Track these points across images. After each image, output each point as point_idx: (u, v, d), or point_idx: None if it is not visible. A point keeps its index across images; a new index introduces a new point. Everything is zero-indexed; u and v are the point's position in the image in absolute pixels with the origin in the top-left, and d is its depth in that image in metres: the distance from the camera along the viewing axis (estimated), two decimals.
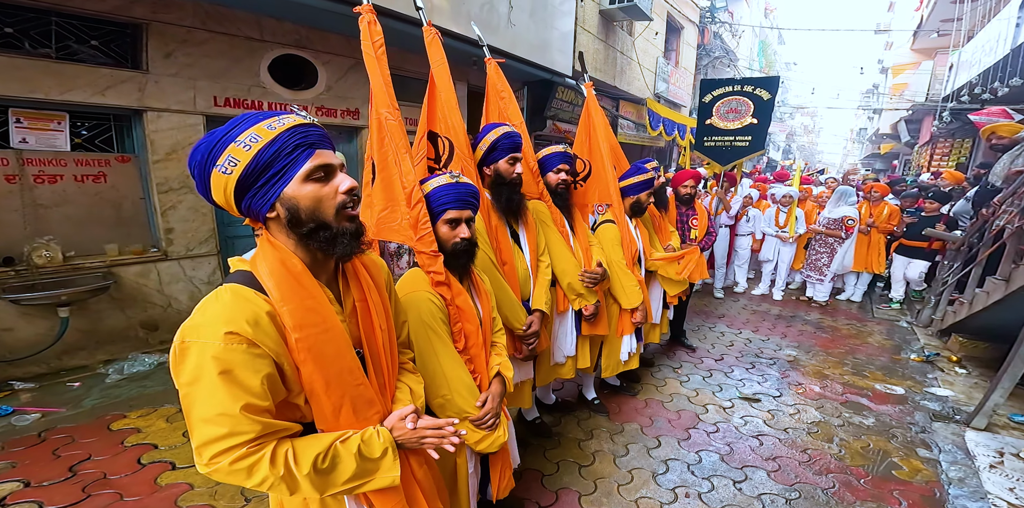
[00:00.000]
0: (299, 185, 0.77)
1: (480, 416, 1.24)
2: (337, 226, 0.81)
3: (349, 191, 0.82)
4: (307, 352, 0.77)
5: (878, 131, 16.61)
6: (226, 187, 0.76)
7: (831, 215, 4.86)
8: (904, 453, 2.45)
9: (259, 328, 0.73)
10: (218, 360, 0.68)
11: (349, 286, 0.91)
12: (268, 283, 0.78)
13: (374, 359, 0.91)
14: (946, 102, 7.94)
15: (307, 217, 0.79)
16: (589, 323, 2.24)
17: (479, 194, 1.70)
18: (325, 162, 0.80)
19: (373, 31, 1.39)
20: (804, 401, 2.99)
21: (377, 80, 1.37)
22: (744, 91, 4.06)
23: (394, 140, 1.37)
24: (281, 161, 0.76)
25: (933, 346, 3.94)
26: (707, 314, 4.70)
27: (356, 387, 0.84)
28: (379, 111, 1.38)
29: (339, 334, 0.82)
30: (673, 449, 2.42)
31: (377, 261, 1.04)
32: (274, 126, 0.76)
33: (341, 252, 0.82)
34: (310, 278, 0.82)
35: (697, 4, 10.90)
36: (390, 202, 1.38)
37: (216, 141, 0.75)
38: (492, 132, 1.79)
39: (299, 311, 0.77)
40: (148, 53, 2.92)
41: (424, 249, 1.29)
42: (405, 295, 1.24)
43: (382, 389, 0.93)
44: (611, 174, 2.38)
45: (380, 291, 0.97)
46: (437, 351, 1.22)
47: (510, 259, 1.83)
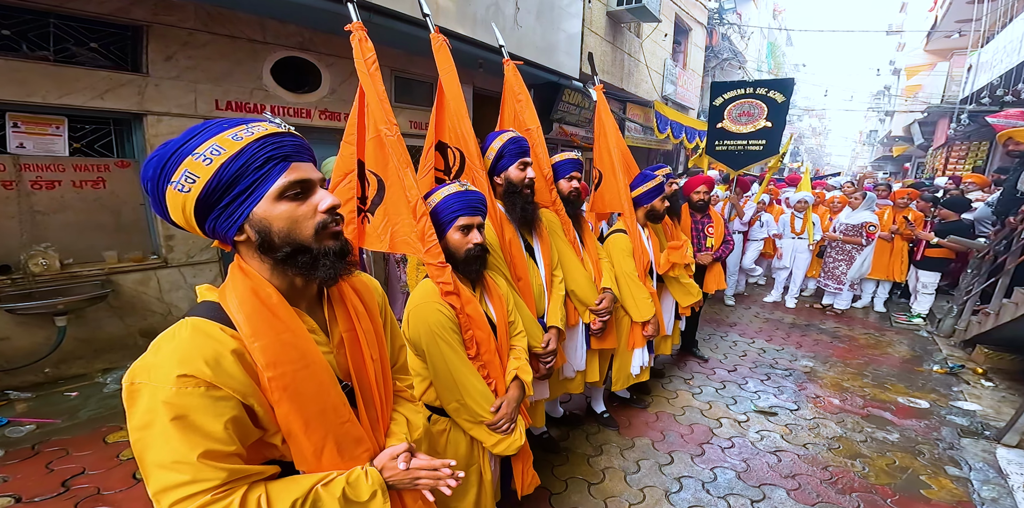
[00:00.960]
0: (271, 204, 0.69)
1: (495, 420, 1.26)
2: (318, 247, 0.73)
3: (330, 210, 0.73)
4: (282, 391, 0.68)
5: (890, 133, 16.36)
6: (184, 207, 0.67)
7: (849, 221, 4.70)
8: (932, 471, 2.33)
9: (221, 369, 0.64)
10: (170, 405, 0.60)
11: (335, 313, 0.82)
12: (237, 317, 0.69)
13: (364, 392, 0.84)
14: (964, 104, 7.76)
15: (281, 240, 0.70)
16: (597, 337, 2.17)
17: (487, 201, 1.65)
18: (302, 177, 0.71)
19: (364, 48, 1.38)
20: (823, 415, 2.87)
21: (372, 96, 1.36)
22: (757, 94, 3.96)
23: (396, 155, 1.37)
24: (249, 177, 0.67)
25: (956, 357, 3.79)
26: (718, 323, 4.57)
27: (341, 425, 0.76)
28: (378, 127, 1.38)
29: (321, 369, 0.74)
30: (686, 466, 2.32)
31: (368, 282, 0.96)
32: (240, 136, 0.67)
33: (324, 275, 0.73)
34: (287, 309, 0.73)
35: (705, 5, 10.80)
36: (399, 216, 1.38)
37: (170, 154, 0.66)
38: (497, 139, 1.75)
39: (273, 347, 0.69)
40: (148, 56, 2.88)
41: (432, 261, 1.29)
42: (415, 306, 1.26)
43: (374, 424, 0.85)
44: (622, 182, 2.29)
45: (372, 316, 0.89)
46: (448, 359, 1.23)
47: (525, 274, 1.77)
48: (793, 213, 4.98)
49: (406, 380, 1.07)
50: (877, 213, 4.88)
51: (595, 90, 2.42)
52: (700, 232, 3.34)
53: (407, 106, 4.63)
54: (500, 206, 1.77)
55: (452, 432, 1.34)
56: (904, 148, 15.75)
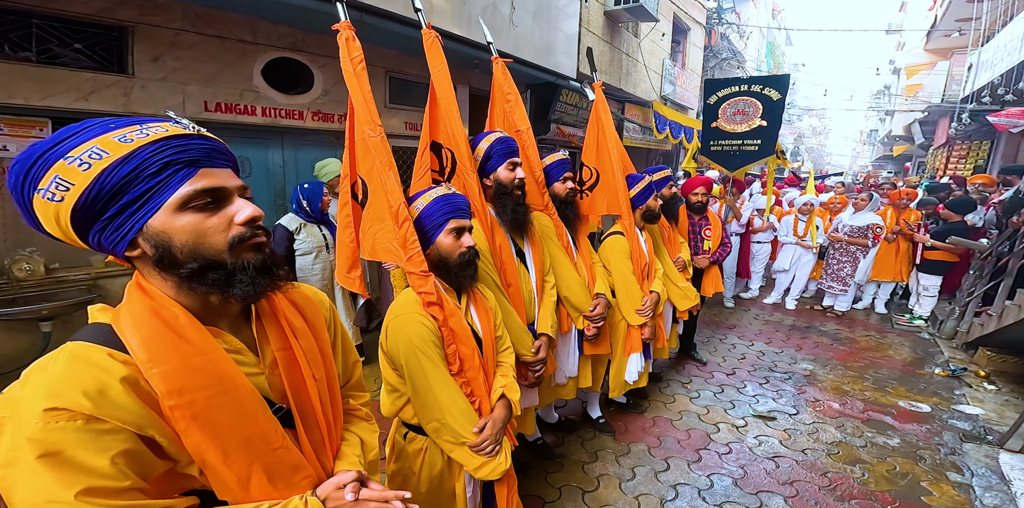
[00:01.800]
0: (171, 215, 0.61)
1: (478, 442, 1.17)
2: (234, 261, 0.65)
3: (249, 222, 0.65)
4: (191, 420, 0.61)
5: (890, 133, 16.31)
6: (58, 218, 0.59)
7: (853, 222, 4.64)
8: (933, 477, 2.29)
9: (106, 399, 0.57)
10: (36, 442, 0.53)
11: (266, 330, 0.75)
12: (131, 341, 0.61)
13: (305, 415, 0.76)
14: (965, 103, 7.71)
15: (185, 255, 0.62)
16: (591, 343, 2.12)
17: (477, 205, 1.61)
18: (212, 185, 0.63)
19: (351, 47, 1.34)
20: (823, 419, 2.82)
21: (358, 97, 1.32)
22: (752, 91, 3.88)
23: (378, 157, 1.32)
24: (141, 185, 0.59)
25: (959, 360, 3.73)
26: (717, 325, 4.52)
27: (272, 452, 0.69)
28: (362, 129, 1.34)
29: (243, 395, 0.67)
30: (683, 472, 2.28)
31: (313, 296, 0.88)
32: (131, 137, 0.59)
33: (243, 293, 0.65)
34: (198, 330, 0.65)
35: (704, 5, 10.76)
36: (382, 222, 1.33)
37: (35, 157, 0.57)
38: (484, 140, 1.70)
39: (178, 373, 0.61)
40: (134, 56, 2.83)
41: (413, 269, 1.22)
42: (394, 317, 1.18)
43: (318, 447, 0.78)
44: (621, 182, 2.23)
45: (316, 332, 0.82)
46: (428, 375, 1.15)
47: (515, 280, 1.72)
48: (797, 216, 4.92)
49: (360, 397, 1.00)
50: (879, 213, 4.82)
51: (593, 87, 2.36)
52: (697, 234, 3.29)
53: (402, 107, 4.59)
54: (490, 209, 1.72)
55: (429, 452, 1.27)
56: (905, 148, 15.69)
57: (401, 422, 1.31)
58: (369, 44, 4.18)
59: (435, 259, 1.27)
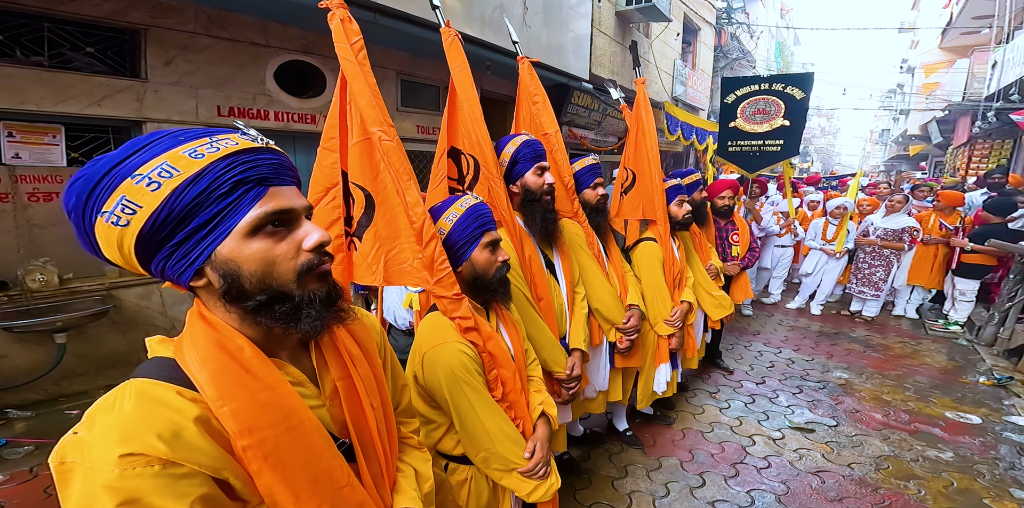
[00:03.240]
0: (241, 241, 0.55)
1: (531, 467, 1.11)
2: (301, 294, 0.59)
3: (318, 248, 0.60)
4: (262, 461, 0.56)
5: (905, 132, 16.02)
6: (122, 244, 0.53)
7: (887, 225, 4.45)
8: (995, 494, 2.14)
9: (181, 442, 0.52)
10: (113, 490, 0.48)
11: (325, 359, 0.69)
12: (199, 377, 0.56)
13: (366, 447, 0.72)
14: (990, 101, 7.49)
15: (254, 286, 0.57)
16: (623, 356, 2.01)
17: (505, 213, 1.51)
18: (283, 207, 0.57)
19: (349, 30, 1.12)
20: (866, 431, 2.67)
21: (364, 91, 1.10)
22: (773, 90, 3.76)
23: (392, 165, 1.11)
24: (212, 206, 0.53)
25: (1002, 368, 3.54)
26: (740, 331, 4.36)
27: (339, 491, 0.64)
28: (369, 129, 1.12)
29: (310, 431, 0.61)
30: (720, 489, 2.15)
31: (365, 320, 0.82)
32: (201, 152, 0.53)
33: (309, 328, 0.60)
34: (264, 363, 0.60)
35: (713, 5, 10.68)
36: (396, 240, 1.15)
37: (101, 175, 0.51)
38: (510, 144, 1.60)
39: (248, 411, 0.56)
40: (147, 60, 2.79)
41: (445, 293, 1.09)
42: (431, 348, 1.08)
43: (378, 480, 0.74)
44: (658, 186, 2.12)
45: (371, 359, 0.77)
46: (475, 405, 1.08)
47: (546, 294, 1.62)
48: (828, 219, 4.74)
49: (410, 424, 0.93)
50: (919, 216, 4.62)
51: (636, 83, 2.27)
52: (725, 239, 3.16)
53: (413, 110, 4.53)
54: (518, 218, 1.62)
55: (475, 482, 1.18)
56: (921, 147, 15.39)
57: (439, 454, 1.21)
58: (381, 46, 4.16)
59: (469, 277, 1.17)
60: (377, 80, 4.04)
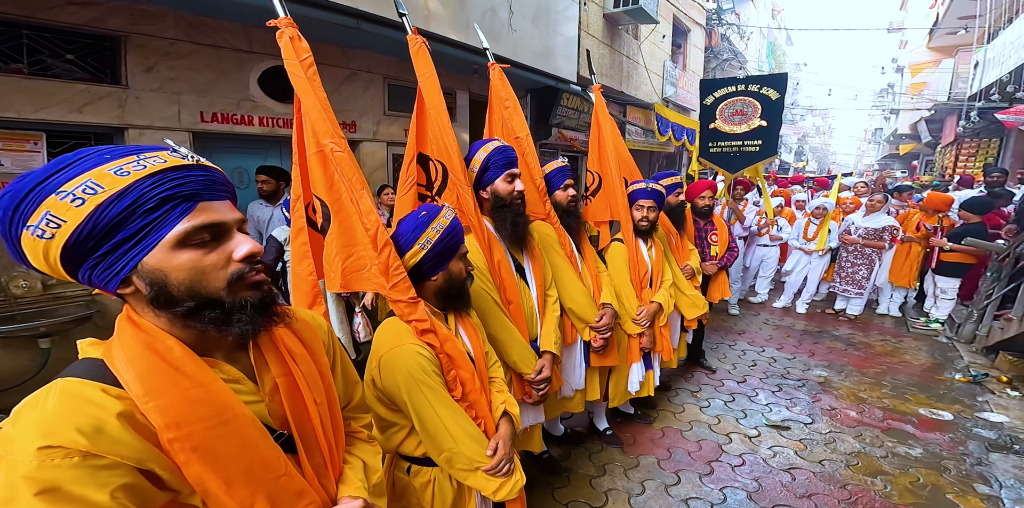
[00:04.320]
0: (168, 253, 0.58)
1: (494, 465, 1.13)
2: (232, 300, 0.63)
3: (248, 259, 0.63)
4: (190, 452, 0.60)
5: (896, 131, 16.17)
6: (47, 255, 0.56)
7: (868, 224, 4.53)
8: (960, 489, 2.18)
9: (103, 435, 0.55)
10: (33, 480, 0.52)
11: (264, 358, 0.73)
12: (126, 376, 0.59)
13: (307, 440, 0.76)
14: (973, 101, 7.59)
15: (183, 293, 0.60)
16: (598, 354, 2.05)
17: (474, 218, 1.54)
18: (212, 220, 0.61)
19: (298, 48, 1.18)
20: (840, 428, 2.71)
21: (314, 105, 1.16)
22: (749, 91, 3.80)
23: (345, 175, 1.17)
24: (138, 221, 0.56)
25: (979, 365, 3.60)
26: (726, 331, 4.41)
27: (276, 480, 0.68)
28: (321, 142, 1.17)
29: (244, 424, 0.65)
30: (694, 486, 2.19)
31: (311, 320, 0.86)
32: (127, 170, 0.56)
33: (240, 331, 0.64)
34: (195, 363, 0.63)
35: (703, 6, 10.74)
36: (353, 247, 1.19)
37: (26, 191, 0.54)
38: (481, 150, 1.62)
39: (176, 406, 0.60)
40: (127, 67, 2.81)
41: (400, 296, 1.13)
42: (388, 351, 1.11)
43: (321, 472, 0.78)
44: (620, 187, 2.16)
45: (315, 357, 0.80)
46: (434, 406, 1.10)
47: (516, 297, 1.65)
48: (810, 219, 4.81)
49: (362, 419, 0.97)
50: (900, 216, 4.70)
51: (593, 90, 2.30)
52: (704, 240, 3.20)
53: (401, 114, 4.56)
54: (488, 223, 1.65)
55: (438, 483, 1.21)
56: (912, 146, 15.53)
57: (401, 457, 1.24)
58: (366, 51, 4.20)
59: (444, 285, 1.22)
60: (364, 85, 4.11)
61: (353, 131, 4.19)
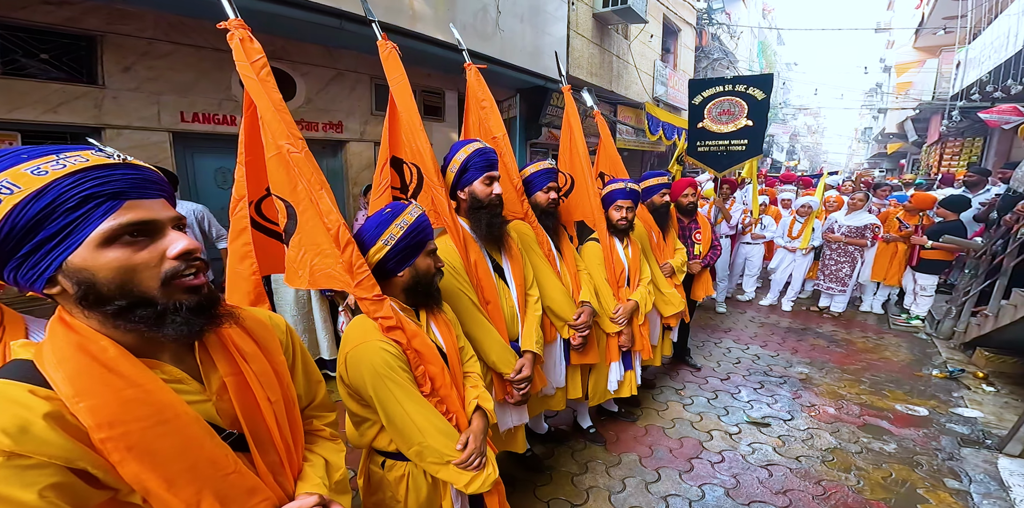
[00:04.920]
0: (93, 251, 0.58)
1: (464, 458, 1.14)
2: (166, 302, 0.63)
3: (184, 256, 0.64)
4: (125, 451, 0.61)
5: (884, 130, 16.36)
6: None
7: (850, 222, 4.60)
8: (931, 484, 2.23)
9: (28, 436, 0.56)
10: None
11: (212, 358, 0.74)
12: (55, 376, 0.60)
13: (260, 438, 0.77)
14: (955, 100, 7.71)
15: (112, 292, 0.60)
16: (578, 352, 2.07)
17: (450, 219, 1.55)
18: (141, 218, 0.61)
19: (249, 49, 1.19)
20: (818, 425, 2.76)
21: (268, 106, 1.16)
22: (736, 91, 3.84)
23: (304, 175, 1.17)
24: (58, 220, 0.56)
25: (956, 361, 3.67)
26: (712, 328, 4.46)
27: (224, 478, 0.69)
28: (277, 143, 1.18)
29: (186, 423, 0.66)
30: (674, 483, 2.22)
31: (266, 320, 0.87)
32: (45, 169, 0.56)
33: (175, 333, 0.64)
34: (131, 363, 0.64)
35: (693, 6, 10.78)
36: (319, 246, 1.20)
37: None
38: (461, 151, 1.62)
39: (109, 406, 0.60)
40: (104, 67, 2.78)
41: (365, 294, 1.15)
42: (352, 348, 1.12)
43: (276, 469, 0.79)
44: (593, 188, 2.18)
45: (270, 356, 0.81)
46: (401, 401, 1.11)
47: (494, 297, 1.65)
48: (795, 217, 4.87)
49: (325, 418, 0.98)
50: (882, 215, 4.77)
51: (564, 90, 2.31)
52: (688, 238, 3.23)
53: None
54: (464, 223, 1.66)
55: (412, 477, 1.22)
56: (899, 145, 15.73)
57: (375, 451, 1.25)
58: (352, 51, 4.18)
59: (410, 281, 1.23)
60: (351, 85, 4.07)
61: (340, 131, 4.17)
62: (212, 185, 3.42)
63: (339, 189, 4.29)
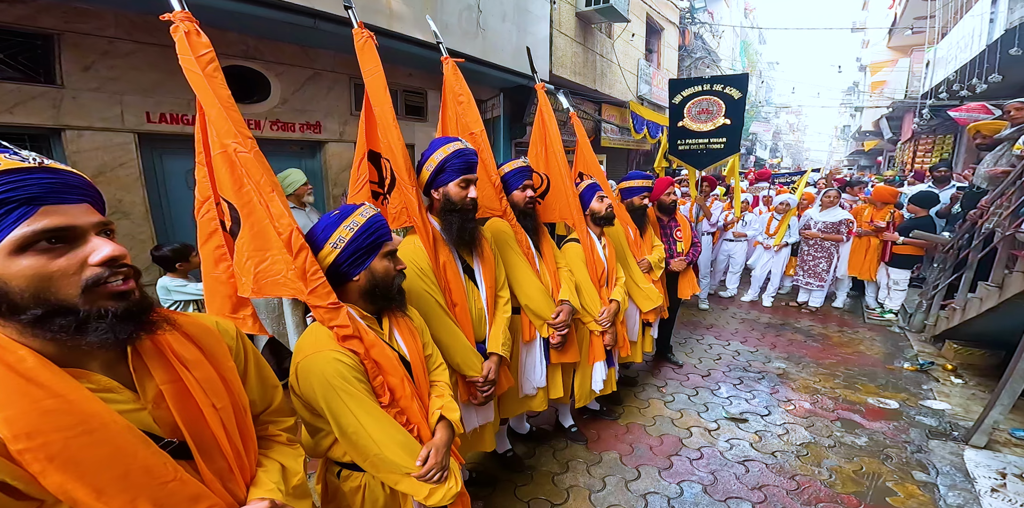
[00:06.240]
0: (5, 260, 0.57)
1: (423, 473, 1.10)
2: (88, 309, 0.61)
3: (109, 262, 0.62)
4: (46, 462, 0.59)
5: (861, 128, 16.75)
6: None
7: (825, 219, 4.70)
8: (899, 476, 2.29)
9: None
10: None
11: (147, 365, 0.72)
12: None
13: (205, 445, 0.76)
14: (925, 99, 7.92)
15: (27, 301, 0.58)
16: (557, 351, 2.06)
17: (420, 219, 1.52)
18: (57, 225, 0.59)
19: (195, 43, 1.12)
20: (793, 420, 2.81)
21: (213, 102, 1.10)
22: (714, 90, 3.90)
23: (252, 177, 1.11)
24: None
25: (927, 354, 3.78)
26: (695, 325, 4.51)
27: (162, 486, 0.67)
28: (223, 142, 1.12)
29: (116, 432, 0.64)
30: (653, 481, 2.24)
31: (212, 326, 0.85)
32: None
33: (99, 340, 0.62)
34: (51, 373, 0.61)
35: (676, 5, 10.87)
36: (266, 252, 1.14)
37: None
38: (440, 150, 1.57)
39: (26, 417, 0.59)
40: (62, 66, 2.67)
41: (319, 302, 1.10)
42: (302, 358, 1.08)
43: (224, 475, 0.78)
44: (571, 188, 2.18)
45: (215, 362, 0.80)
46: (355, 412, 1.07)
47: (462, 299, 1.63)
48: (772, 215, 4.95)
49: (282, 423, 0.97)
50: (855, 211, 4.89)
51: (536, 88, 2.29)
52: (669, 236, 3.25)
53: None
54: (435, 223, 1.63)
55: (369, 488, 1.19)
56: (875, 142, 16.13)
57: (331, 461, 1.22)
58: (329, 51, 4.10)
59: (367, 286, 1.18)
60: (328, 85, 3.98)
61: (318, 131, 4.10)
62: (183, 187, 3.33)
63: (319, 190, 4.22)
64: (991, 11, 5.32)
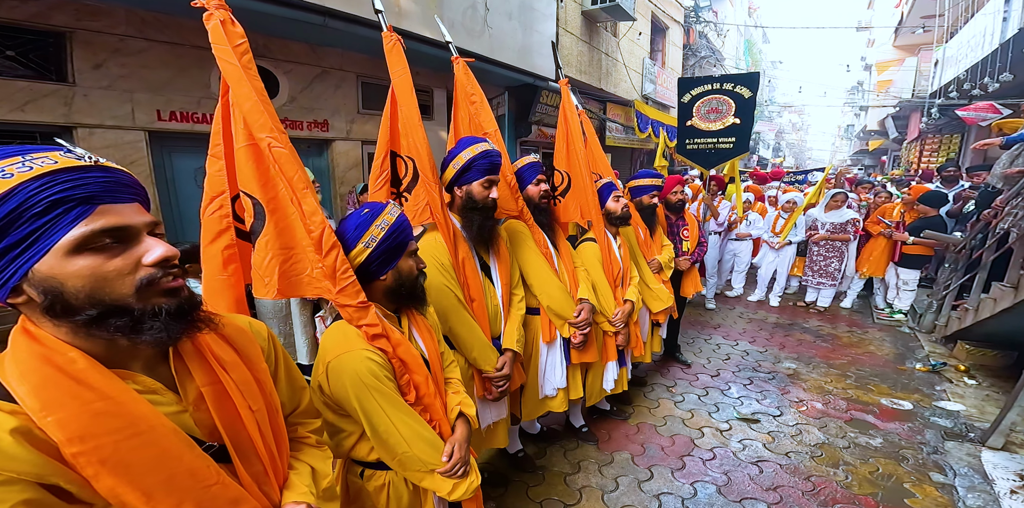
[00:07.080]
0: (62, 259, 0.55)
1: (449, 468, 1.14)
2: (142, 308, 0.60)
3: (161, 263, 0.61)
4: (99, 465, 0.58)
5: (865, 128, 16.67)
6: None
7: (833, 219, 4.68)
8: (916, 478, 2.26)
9: None
10: None
11: (188, 367, 0.71)
12: (19, 390, 0.57)
13: (242, 448, 0.75)
14: (933, 98, 7.87)
15: (82, 302, 0.57)
16: (578, 351, 2.05)
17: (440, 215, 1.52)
18: (114, 224, 0.58)
19: (231, 32, 1.07)
20: (806, 420, 2.79)
21: (248, 95, 1.06)
22: (724, 89, 3.86)
23: (286, 173, 1.08)
24: (24, 226, 0.53)
25: (938, 354, 3.75)
26: (702, 325, 4.49)
27: (206, 489, 0.67)
28: (257, 136, 1.07)
29: (162, 434, 0.64)
30: (666, 481, 2.22)
31: (246, 327, 0.84)
32: (10, 172, 0.53)
33: (153, 339, 0.61)
34: (101, 375, 0.61)
35: (681, 4, 10.83)
36: (292, 250, 1.12)
37: None
38: (468, 149, 1.59)
39: (79, 419, 0.58)
40: (74, 64, 2.67)
41: (349, 302, 1.09)
42: (335, 358, 1.08)
43: (260, 479, 0.77)
44: (591, 186, 2.15)
45: (251, 364, 0.79)
46: (387, 411, 1.08)
47: (479, 295, 1.64)
48: (779, 213, 4.93)
49: (310, 424, 0.96)
50: (879, 210, 4.89)
51: (560, 84, 2.27)
52: (676, 235, 3.24)
53: (376, 113, 4.48)
54: (455, 220, 1.64)
55: (393, 486, 1.20)
56: (880, 142, 16.05)
57: (353, 461, 1.22)
58: (337, 49, 4.09)
59: (393, 285, 1.18)
60: (337, 83, 3.98)
61: (325, 130, 4.10)
62: (192, 185, 3.32)
63: (326, 189, 4.21)
64: (1004, 10, 5.27)
